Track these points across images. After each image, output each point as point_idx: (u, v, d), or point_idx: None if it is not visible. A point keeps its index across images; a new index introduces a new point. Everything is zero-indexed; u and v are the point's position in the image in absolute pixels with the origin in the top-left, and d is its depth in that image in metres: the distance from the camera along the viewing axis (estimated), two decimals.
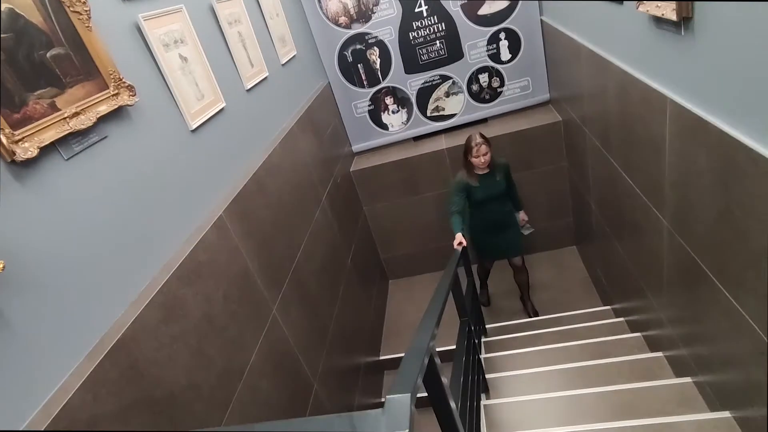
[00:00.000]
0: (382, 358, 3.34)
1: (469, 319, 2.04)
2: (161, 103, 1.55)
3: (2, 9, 1.04)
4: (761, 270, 1.14)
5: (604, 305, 3.07)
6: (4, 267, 0.87)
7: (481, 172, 2.82)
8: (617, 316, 2.79)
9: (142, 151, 1.41)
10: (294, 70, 2.90)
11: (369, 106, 3.66)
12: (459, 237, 2.70)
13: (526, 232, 3.12)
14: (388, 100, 3.63)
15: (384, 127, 3.74)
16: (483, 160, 2.73)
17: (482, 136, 2.75)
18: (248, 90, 2.19)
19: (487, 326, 3.07)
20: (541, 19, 3.25)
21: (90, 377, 1.04)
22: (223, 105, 1.92)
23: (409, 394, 0.63)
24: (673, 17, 1.28)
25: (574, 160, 3.16)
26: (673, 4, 1.27)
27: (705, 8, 1.19)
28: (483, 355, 2.58)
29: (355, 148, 3.81)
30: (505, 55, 3.43)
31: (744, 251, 1.20)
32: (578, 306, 3.14)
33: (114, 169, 1.29)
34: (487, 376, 2.31)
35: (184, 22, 1.75)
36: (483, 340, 2.87)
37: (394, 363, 3.26)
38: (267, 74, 2.42)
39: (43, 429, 0.91)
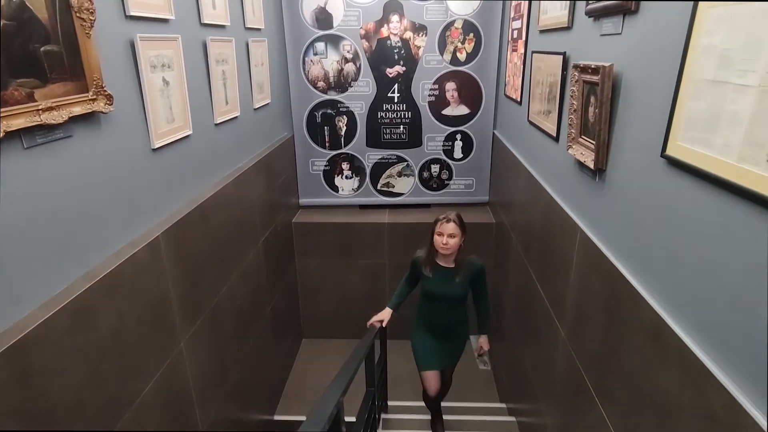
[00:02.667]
0: (276, 418, 3.21)
1: (375, 391, 2.08)
2: (132, 118, 1.59)
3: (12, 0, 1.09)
4: (627, 388, 1.33)
5: (501, 402, 3.21)
6: None
7: (442, 263, 2.34)
8: (510, 415, 2.93)
9: (101, 157, 1.43)
10: (264, 117, 3.02)
11: (325, 166, 3.82)
12: (383, 315, 2.42)
13: (481, 366, 2.53)
14: (345, 166, 3.82)
15: (335, 189, 3.90)
16: (445, 242, 2.22)
17: (459, 217, 2.27)
18: (217, 124, 2.27)
19: (389, 403, 3.08)
20: (494, 132, 3.67)
21: None
22: (190, 133, 1.98)
23: None
24: (591, 166, 1.56)
25: (499, 261, 3.44)
26: (593, 155, 1.56)
27: (614, 166, 1.48)
28: (379, 431, 2.58)
29: (303, 201, 3.91)
30: (458, 153, 3.80)
31: (616, 370, 1.40)
32: (477, 398, 3.26)
33: (67, 168, 1.30)
34: None
35: (176, 50, 1.84)
36: (382, 416, 2.87)
37: (288, 426, 3.14)
38: (238, 114, 2.53)
39: None
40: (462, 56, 3.50)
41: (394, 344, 3.45)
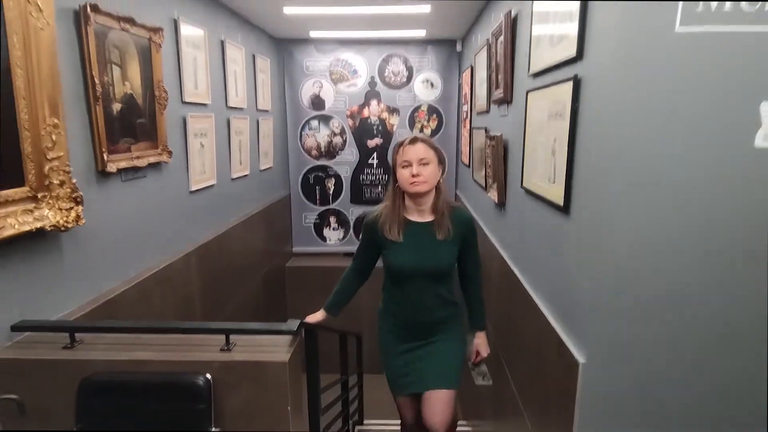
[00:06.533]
0: None
1: (347, 376, 2.60)
2: (180, 168, 2.30)
3: (127, 92, 1.84)
4: (510, 332, 1.91)
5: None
6: (84, 222, 1.50)
7: (415, 218, 1.59)
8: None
9: (162, 192, 2.12)
10: (267, 177, 3.77)
11: (316, 219, 4.53)
12: (315, 317, 1.75)
13: (478, 380, 1.77)
14: (332, 219, 4.53)
15: (324, 239, 4.57)
16: (416, 173, 1.52)
17: (428, 139, 1.61)
18: (233, 179, 2.98)
19: (365, 421, 3.50)
20: (456, 192, 4.44)
21: (91, 311, 1.58)
22: (214, 182, 2.68)
23: (300, 320, 1.31)
24: (497, 201, 2.27)
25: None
26: (497, 194, 2.26)
27: (508, 200, 2.17)
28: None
29: (296, 249, 4.55)
30: None
31: (507, 326, 1.99)
32: None
33: (143, 197, 1.97)
34: None
35: (210, 124, 2.60)
36: (358, 428, 3.30)
37: None
38: (248, 173, 3.26)
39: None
40: (428, 132, 4.36)
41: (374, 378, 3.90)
